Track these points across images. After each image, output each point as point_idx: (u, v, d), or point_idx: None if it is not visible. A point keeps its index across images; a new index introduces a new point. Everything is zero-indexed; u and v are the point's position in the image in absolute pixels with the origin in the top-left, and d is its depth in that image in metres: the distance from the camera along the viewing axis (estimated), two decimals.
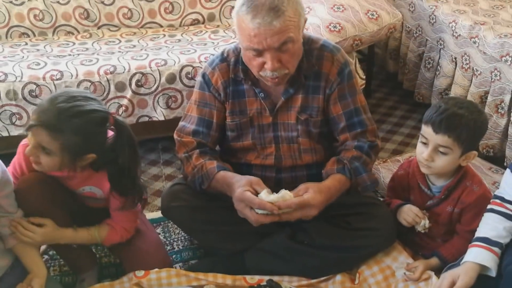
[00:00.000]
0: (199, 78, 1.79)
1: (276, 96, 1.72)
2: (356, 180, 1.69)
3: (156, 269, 1.67)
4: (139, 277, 1.65)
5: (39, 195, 1.55)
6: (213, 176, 1.67)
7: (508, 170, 1.60)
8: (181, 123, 1.81)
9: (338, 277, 1.72)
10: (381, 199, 1.95)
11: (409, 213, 1.71)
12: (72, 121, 1.43)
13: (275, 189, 1.59)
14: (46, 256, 1.86)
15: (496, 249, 1.53)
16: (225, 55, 1.75)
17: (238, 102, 1.74)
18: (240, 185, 1.59)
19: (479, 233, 1.58)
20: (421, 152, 1.64)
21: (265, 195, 1.55)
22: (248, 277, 1.71)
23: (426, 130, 1.61)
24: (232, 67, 1.72)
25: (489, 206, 1.61)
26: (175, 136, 1.80)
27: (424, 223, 1.69)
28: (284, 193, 1.55)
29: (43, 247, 1.82)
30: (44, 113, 1.44)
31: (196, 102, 1.78)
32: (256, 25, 1.49)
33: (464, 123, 1.57)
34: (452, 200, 1.68)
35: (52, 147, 1.46)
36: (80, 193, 1.64)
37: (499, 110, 2.29)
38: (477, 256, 1.53)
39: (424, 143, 1.64)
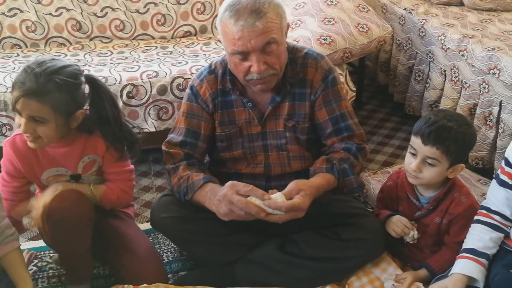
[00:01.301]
0: (187, 90, 1.81)
1: (263, 105, 1.74)
2: (343, 181, 1.70)
3: (145, 285, 1.63)
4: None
5: (83, 211, 1.58)
6: (198, 188, 1.66)
7: (494, 181, 1.62)
8: (169, 135, 1.82)
9: None
10: (371, 210, 1.96)
11: (398, 224, 1.71)
12: (52, 80, 1.48)
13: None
14: (34, 268, 1.85)
15: (483, 260, 1.54)
16: (213, 67, 1.78)
17: (227, 113, 1.76)
18: (224, 187, 1.59)
19: (466, 244, 1.59)
20: (409, 162, 1.66)
21: (255, 198, 1.54)
22: None
23: (415, 141, 1.63)
24: (220, 79, 1.75)
25: (475, 217, 1.63)
26: (163, 147, 1.81)
27: (413, 234, 1.69)
28: (276, 197, 1.54)
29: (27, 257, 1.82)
30: (24, 84, 1.48)
31: (184, 114, 1.79)
32: (239, 27, 1.54)
33: (453, 135, 1.58)
34: (440, 211, 1.69)
35: (44, 114, 1.50)
36: (82, 168, 1.68)
37: (488, 122, 2.31)
38: (465, 267, 1.54)
39: (413, 154, 1.65)
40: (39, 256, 1.91)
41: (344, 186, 1.71)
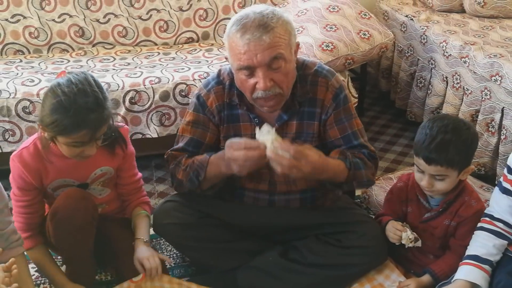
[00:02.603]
0: (193, 100, 1.76)
1: (270, 122, 1.67)
2: (354, 173, 1.66)
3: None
4: (136, 281, 1.65)
5: (86, 212, 1.59)
6: (207, 162, 1.64)
7: (496, 188, 1.62)
8: (174, 146, 1.80)
9: None
10: (373, 216, 1.96)
11: (390, 229, 1.71)
12: (106, 101, 1.53)
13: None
14: (36, 274, 1.85)
15: (486, 266, 1.53)
16: (221, 77, 1.73)
17: (232, 127, 1.72)
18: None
19: (470, 251, 1.59)
20: (420, 179, 1.65)
21: (259, 134, 1.53)
22: None
23: (419, 161, 1.62)
24: (227, 91, 1.70)
25: (479, 224, 1.63)
26: (165, 156, 1.79)
27: (406, 235, 1.67)
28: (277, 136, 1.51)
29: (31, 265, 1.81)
30: (92, 120, 1.49)
31: (190, 123, 1.75)
32: (246, 41, 1.50)
33: (453, 149, 1.57)
34: (449, 214, 1.69)
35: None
36: (92, 178, 1.70)
37: (490, 129, 2.32)
38: (468, 274, 1.53)
39: (421, 171, 1.64)
40: None
41: (354, 178, 1.67)
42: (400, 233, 1.68)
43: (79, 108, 1.46)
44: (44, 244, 1.71)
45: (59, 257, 1.83)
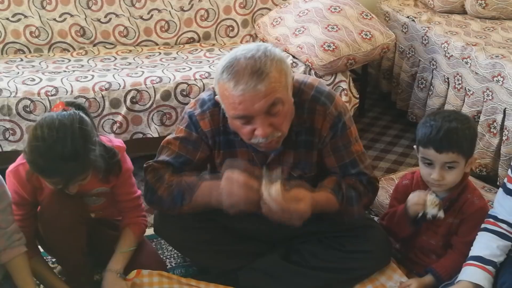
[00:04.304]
0: (186, 116, 1.66)
1: (266, 151, 1.61)
2: (346, 208, 1.62)
3: (149, 271, 1.67)
4: (131, 279, 1.65)
5: (73, 211, 1.57)
6: (197, 187, 1.55)
7: (500, 189, 1.62)
8: (156, 157, 1.69)
9: None
10: (375, 218, 1.95)
11: (413, 197, 1.67)
12: (87, 152, 1.45)
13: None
14: None
15: (490, 267, 1.53)
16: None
17: (229, 153, 1.65)
18: (225, 173, 1.49)
19: (473, 252, 1.58)
20: (429, 173, 1.64)
21: (266, 176, 1.46)
22: None
23: (428, 152, 1.61)
24: (222, 116, 1.59)
25: (483, 225, 1.62)
26: (144, 165, 1.67)
27: (431, 198, 1.62)
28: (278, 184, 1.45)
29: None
30: (67, 170, 1.44)
31: (179, 139, 1.65)
32: (240, 92, 1.40)
33: (461, 134, 1.59)
34: (453, 211, 1.69)
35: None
36: (91, 195, 1.68)
37: (492, 130, 2.31)
38: (471, 275, 1.53)
39: (429, 164, 1.64)
40: None
41: (345, 213, 1.63)
42: (424, 197, 1.64)
43: (53, 157, 1.41)
44: (39, 255, 1.69)
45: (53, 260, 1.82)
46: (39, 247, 1.73)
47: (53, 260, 1.87)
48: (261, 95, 1.41)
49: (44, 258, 1.76)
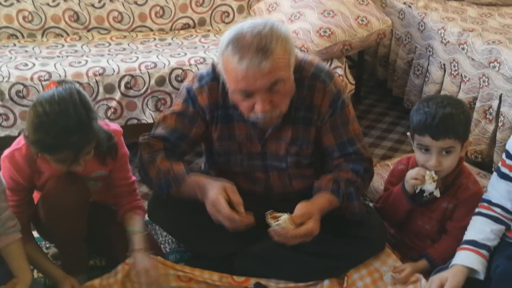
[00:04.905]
0: (183, 91, 1.67)
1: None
2: (347, 205, 1.64)
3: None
4: (130, 264, 1.66)
5: (79, 194, 1.58)
6: (182, 179, 1.58)
7: (495, 173, 1.62)
8: (152, 131, 1.71)
9: (326, 282, 1.71)
10: (369, 202, 1.95)
11: (412, 172, 1.66)
12: (90, 121, 1.46)
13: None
14: None
15: (484, 252, 1.53)
16: (217, 72, 1.62)
17: (227, 127, 1.66)
18: (214, 187, 1.53)
19: (467, 236, 1.59)
20: (426, 160, 1.63)
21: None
22: (235, 276, 1.71)
23: (424, 139, 1.61)
24: (221, 90, 1.60)
25: (476, 210, 1.62)
26: (140, 138, 1.69)
27: (430, 173, 1.62)
28: (283, 220, 1.49)
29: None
30: (74, 142, 1.44)
31: (175, 113, 1.67)
32: (243, 67, 1.41)
33: (456, 119, 1.59)
34: (448, 196, 1.69)
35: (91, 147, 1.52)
36: (90, 179, 1.68)
37: (487, 116, 2.31)
38: (465, 259, 1.53)
39: (426, 151, 1.63)
40: None
41: (346, 209, 1.65)
42: (423, 172, 1.64)
43: (60, 130, 1.40)
44: (34, 241, 1.69)
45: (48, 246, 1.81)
46: (34, 232, 1.73)
47: (47, 245, 1.88)
48: (264, 73, 1.42)
49: (38, 243, 1.75)
